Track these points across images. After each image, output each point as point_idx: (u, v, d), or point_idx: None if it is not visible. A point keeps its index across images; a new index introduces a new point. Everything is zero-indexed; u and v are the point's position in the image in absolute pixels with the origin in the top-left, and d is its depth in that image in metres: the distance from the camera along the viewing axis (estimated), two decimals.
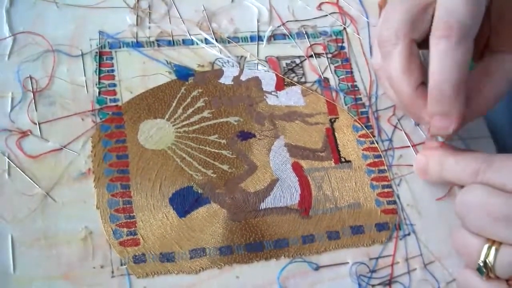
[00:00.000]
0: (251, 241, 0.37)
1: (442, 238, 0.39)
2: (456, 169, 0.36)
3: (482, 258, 0.33)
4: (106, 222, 0.36)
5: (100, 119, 0.39)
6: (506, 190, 0.32)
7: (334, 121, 0.43)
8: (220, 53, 0.44)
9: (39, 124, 0.38)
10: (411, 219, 0.40)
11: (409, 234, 0.39)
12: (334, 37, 0.47)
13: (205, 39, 0.44)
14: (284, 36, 0.46)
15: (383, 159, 0.42)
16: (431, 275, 0.38)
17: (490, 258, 0.32)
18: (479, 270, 0.33)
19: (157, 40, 0.43)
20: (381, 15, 0.39)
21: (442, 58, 0.34)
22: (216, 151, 0.40)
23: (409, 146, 0.42)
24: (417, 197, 0.41)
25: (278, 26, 0.46)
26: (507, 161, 0.33)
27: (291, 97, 0.43)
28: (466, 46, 0.34)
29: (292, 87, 0.44)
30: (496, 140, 0.44)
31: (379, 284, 0.37)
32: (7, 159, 0.36)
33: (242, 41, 0.45)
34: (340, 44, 0.46)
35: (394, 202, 0.40)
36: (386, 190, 0.41)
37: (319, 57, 0.45)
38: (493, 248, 0.32)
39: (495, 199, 0.32)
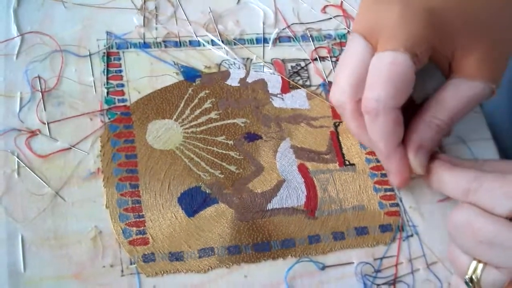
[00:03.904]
0: (258, 241, 0.38)
1: (444, 239, 0.40)
2: (451, 186, 0.36)
3: (468, 275, 0.34)
4: (116, 222, 0.36)
5: (109, 119, 0.39)
6: (493, 212, 0.33)
7: (338, 125, 0.43)
8: (227, 54, 0.44)
9: (48, 123, 0.38)
10: (414, 220, 0.41)
11: (412, 235, 0.40)
12: (338, 41, 0.47)
13: (212, 40, 0.45)
14: (289, 39, 0.46)
15: None
16: (434, 275, 0.39)
17: (477, 275, 0.33)
18: (466, 283, 0.34)
19: (164, 41, 0.44)
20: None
21: (369, 129, 0.37)
22: (224, 152, 0.40)
23: None
24: (419, 199, 0.41)
25: (283, 29, 0.47)
26: (496, 182, 0.33)
27: (297, 100, 0.44)
28: (386, 117, 0.36)
29: (297, 90, 0.44)
30: (496, 140, 0.45)
31: (384, 284, 0.38)
32: (17, 159, 0.36)
33: (248, 43, 0.45)
34: (344, 48, 0.47)
35: (397, 205, 0.41)
36: (388, 193, 0.41)
37: (324, 61, 0.46)
38: (480, 266, 0.33)
39: (481, 222, 0.33)
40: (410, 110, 0.39)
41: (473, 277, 0.33)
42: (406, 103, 0.37)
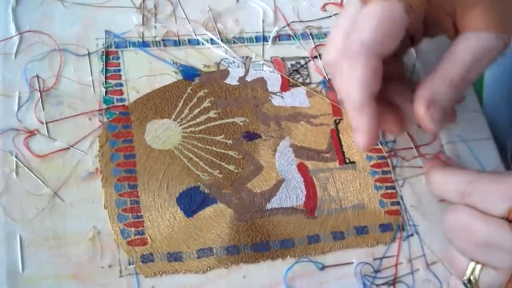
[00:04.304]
0: (257, 241, 0.37)
1: (445, 239, 0.39)
2: (447, 189, 0.36)
3: (466, 276, 0.33)
4: (114, 222, 0.36)
5: (107, 118, 0.39)
6: (489, 213, 0.32)
7: (339, 122, 0.43)
8: (226, 53, 0.44)
9: (46, 123, 0.38)
10: (415, 220, 0.40)
11: (412, 235, 0.40)
12: None
13: (211, 39, 0.44)
14: (289, 37, 0.46)
15: (387, 160, 0.42)
16: (434, 276, 0.39)
17: (475, 276, 0.33)
18: (464, 285, 0.34)
19: (163, 40, 0.43)
20: None
21: (344, 76, 0.35)
22: (223, 151, 0.40)
23: (412, 148, 0.43)
24: (420, 198, 0.41)
25: (283, 27, 0.46)
26: (491, 184, 0.33)
27: (296, 98, 0.43)
28: (368, 62, 0.34)
29: (297, 88, 0.44)
30: (496, 140, 0.45)
31: (383, 284, 0.38)
32: (15, 159, 0.36)
33: (248, 42, 0.45)
34: None
35: (398, 203, 0.41)
36: (389, 191, 0.41)
37: None
38: (478, 267, 0.33)
39: (476, 224, 0.32)
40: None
41: (471, 278, 0.33)
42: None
